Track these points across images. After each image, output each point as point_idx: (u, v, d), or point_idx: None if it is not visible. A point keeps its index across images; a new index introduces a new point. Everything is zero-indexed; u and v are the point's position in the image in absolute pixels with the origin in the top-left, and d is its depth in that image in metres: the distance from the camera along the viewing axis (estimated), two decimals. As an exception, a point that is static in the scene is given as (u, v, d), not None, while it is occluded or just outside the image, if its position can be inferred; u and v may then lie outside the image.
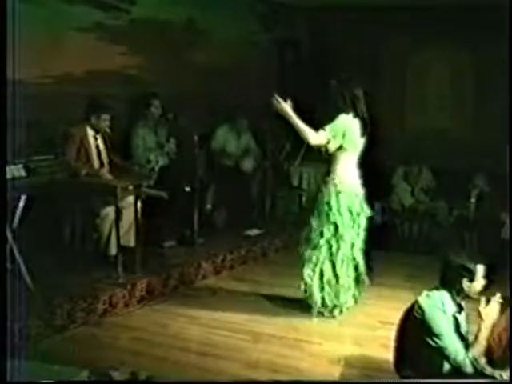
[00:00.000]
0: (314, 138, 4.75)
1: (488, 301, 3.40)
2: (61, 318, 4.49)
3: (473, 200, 7.21)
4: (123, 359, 4.07)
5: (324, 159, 4.95)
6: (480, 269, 3.37)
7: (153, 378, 3.63)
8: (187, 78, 6.98)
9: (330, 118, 4.82)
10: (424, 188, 7.78)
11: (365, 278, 5.05)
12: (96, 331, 4.58)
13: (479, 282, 3.38)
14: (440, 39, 8.09)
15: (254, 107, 7.33)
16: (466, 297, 3.41)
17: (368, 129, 4.88)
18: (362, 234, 4.97)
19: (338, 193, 4.85)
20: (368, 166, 5.02)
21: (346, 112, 4.82)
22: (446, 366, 3.30)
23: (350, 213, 4.87)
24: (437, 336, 3.28)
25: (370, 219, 5.04)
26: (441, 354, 3.29)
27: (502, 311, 3.41)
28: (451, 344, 3.27)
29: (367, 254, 5.10)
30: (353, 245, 4.93)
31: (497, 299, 3.39)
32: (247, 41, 8.05)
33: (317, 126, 4.80)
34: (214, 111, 7.09)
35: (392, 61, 8.61)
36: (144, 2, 6.57)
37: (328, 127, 4.77)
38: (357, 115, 4.83)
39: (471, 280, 3.35)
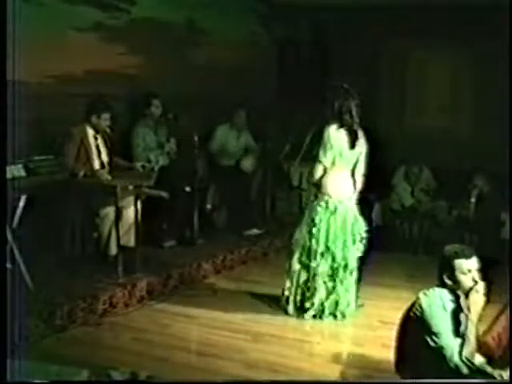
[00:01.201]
0: (317, 174, 4.83)
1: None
2: (61, 318, 4.49)
3: (473, 200, 7.20)
4: (123, 359, 4.07)
5: None
6: (460, 263, 3.27)
7: (153, 378, 3.63)
8: (187, 77, 6.98)
9: (319, 130, 4.85)
10: (424, 188, 7.78)
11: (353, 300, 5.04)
12: (96, 331, 4.58)
13: (466, 277, 3.26)
14: (440, 39, 8.08)
15: (254, 107, 7.34)
16: (453, 292, 3.31)
17: (357, 141, 4.83)
18: (356, 249, 4.94)
19: (324, 207, 4.84)
20: (368, 166, 5.01)
21: (330, 122, 4.81)
22: (446, 366, 3.29)
23: (336, 228, 4.85)
24: (435, 335, 3.25)
25: (368, 233, 5.02)
26: (439, 353, 3.27)
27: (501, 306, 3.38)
28: (449, 344, 3.25)
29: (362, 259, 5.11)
30: (344, 260, 4.90)
31: (477, 289, 3.26)
32: (247, 41, 8.05)
33: (316, 125, 4.83)
34: (214, 111, 7.09)
35: (392, 61, 8.61)
36: (144, 1, 6.57)
37: (320, 154, 4.79)
38: (341, 126, 4.80)
39: (451, 274, 3.28)
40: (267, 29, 8.39)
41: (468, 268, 3.29)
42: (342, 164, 4.85)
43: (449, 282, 3.32)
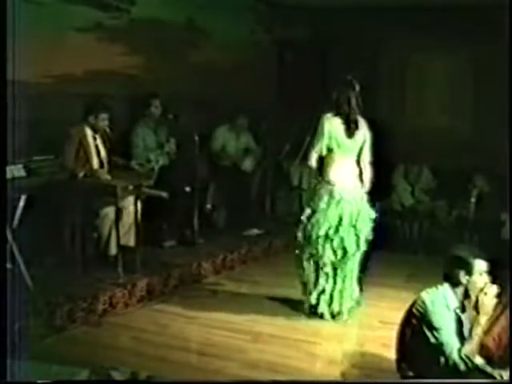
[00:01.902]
0: (312, 160, 4.84)
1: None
2: (61, 318, 4.49)
3: (473, 200, 7.21)
4: (123, 359, 4.07)
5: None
6: (478, 263, 3.34)
7: (153, 378, 3.64)
8: (187, 77, 6.98)
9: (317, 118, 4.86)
10: (424, 188, 7.78)
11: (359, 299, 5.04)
12: (96, 331, 4.58)
13: (481, 278, 3.33)
14: (440, 39, 8.08)
15: (253, 107, 7.34)
16: (466, 294, 3.36)
17: (357, 131, 4.81)
18: (360, 240, 4.92)
19: (326, 195, 4.83)
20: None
21: (327, 111, 4.81)
22: (446, 364, 3.29)
23: (340, 218, 4.83)
24: (436, 330, 3.27)
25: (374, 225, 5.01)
26: (439, 350, 3.27)
27: (501, 307, 3.38)
28: (449, 340, 3.26)
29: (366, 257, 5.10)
30: (345, 250, 4.89)
31: (486, 291, 3.32)
32: (247, 41, 8.05)
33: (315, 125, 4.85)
34: (214, 111, 7.09)
35: (392, 61, 8.61)
36: (144, 2, 6.57)
37: (314, 141, 4.80)
38: (338, 114, 4.79)
39: (469, 273, 3.33)
40: (267, 29, 8.39)
41: (484, 269, 3.36)
42: (342, 152, 4.83)
43: (463, 280, 3.34)
